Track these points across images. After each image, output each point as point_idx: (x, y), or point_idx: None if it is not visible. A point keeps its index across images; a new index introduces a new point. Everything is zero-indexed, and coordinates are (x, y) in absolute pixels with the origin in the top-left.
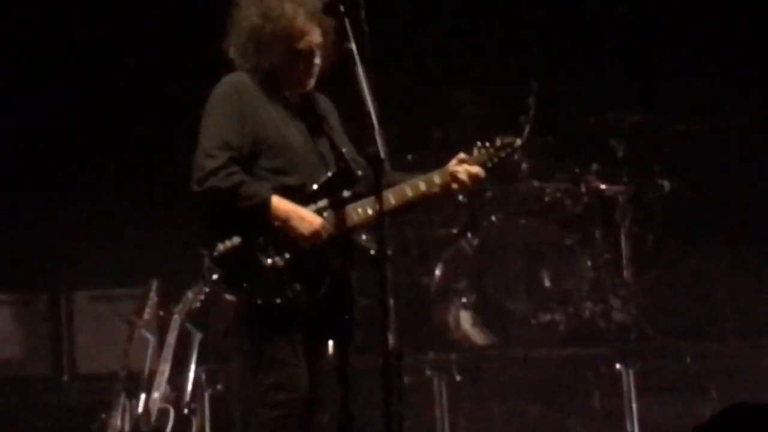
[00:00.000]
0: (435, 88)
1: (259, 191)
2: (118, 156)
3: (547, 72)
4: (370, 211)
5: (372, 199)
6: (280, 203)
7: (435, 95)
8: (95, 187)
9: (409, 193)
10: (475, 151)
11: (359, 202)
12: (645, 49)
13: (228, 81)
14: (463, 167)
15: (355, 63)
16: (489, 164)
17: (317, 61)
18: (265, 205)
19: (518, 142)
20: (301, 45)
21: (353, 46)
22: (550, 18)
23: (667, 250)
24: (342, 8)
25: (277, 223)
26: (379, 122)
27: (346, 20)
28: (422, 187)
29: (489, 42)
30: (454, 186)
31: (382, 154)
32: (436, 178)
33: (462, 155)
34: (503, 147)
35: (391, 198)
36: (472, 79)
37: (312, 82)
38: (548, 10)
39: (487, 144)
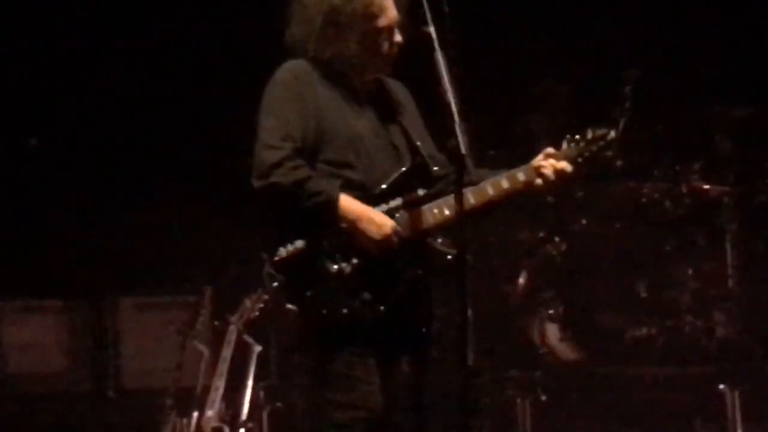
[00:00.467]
0: (518, 78)
1: (326, 188)
2: (168, 154)
3: (644, 60)
4: (447, 212)
5: (450, 198)
6: (348, 203)
7: (518, 85)
8: (142, 185)
9: (491, 191)
10: (564, 145)
11: (436, 202)
12: (753, 34)
13: (286, 68)
14: (549, 162)
15: (434, 49)
16: (579, 160)
17: (398, 38)
18: (332, 204)
19: (612, 134)
20: (383, 22)
21: (432, 30)
22: (649, 4)
23: None
24: None
25: (344, 225)
26: (461, 114)
27: (425, 1)
28: (505, 184)
29: (577, 26)
30: (539, 182)
31: (463, 149)
32: (521, 175)
33: (549, 149)
34: (595, 140)
35: (471, 197)
36: (559, 68)
37: (391, 67)
38: None
39: (578, 137)
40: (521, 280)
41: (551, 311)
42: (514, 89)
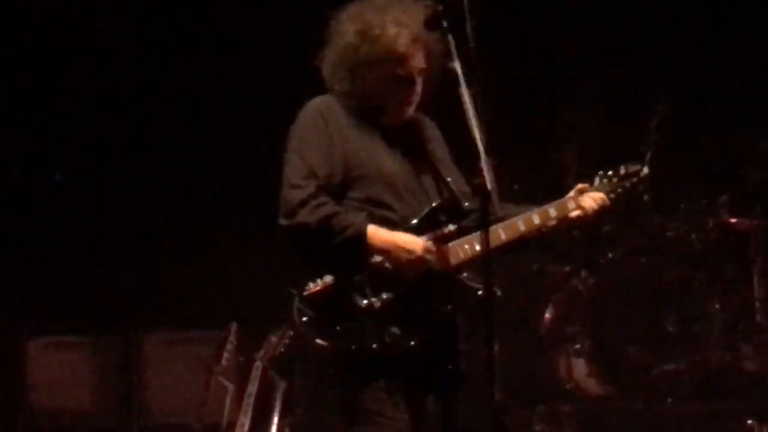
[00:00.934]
0: (546, 109)
1: (354, 221)
2: (196, 190)
3: (673, 91)
4: (478, 248)
5: (480, 234)
6: (377, 233)
7: (546, 117)
8: (169, 220)
9: (522, 227)
10: (596, 181)
11: (466, 238)
12: None
13: (313, 105)
14: (588, 195)
15: (459, 84)
16: (612, 195)
17: (418, 88)
18: (361, 236)
19: (645, 170)
20: (402, 71)
21: (458, 66)
22: (674, 31)
23: None
24: (445, 23)
25: (375, 258)
26: (488, 150)
27: (450, 37)
28: (536, 220)
29: (607, 53)
30: (574, 215)
31: (489, 185)
32: (552, 211)
33: (582, 185)
34: (628, 176)
35: (501, 233)
36: (588, 99)
37: (410, 111)
38: (671, 22)
39: (610, 173)
40: (548, 315)
41: (578, 346)
42: (543, 121)
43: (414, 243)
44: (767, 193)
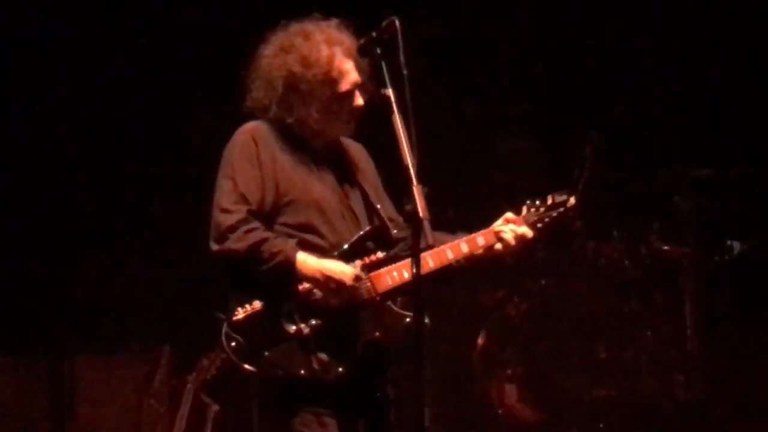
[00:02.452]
0: (481, 137)
1: (283, 248)
2: (125, 211)
3: (606, 121)
4: (407, 275)
5: (409, 261)
6: (306, 260)
7: (481, 144)
8: (97, 242)
9: (450, 255)
10: (524, 210)
11: (395, 265)
12: (713, 96)
13: (245, 130)
14: (509, 227)
15: (392, 111)
16: (539, 225)
17: (360, 101)
18: (290, 263)
19: (572, 200)
20: (344, 87)
21: (390, 92)
22: (609, 61)
23: (738, 319)
24: (378, 50)
25: (303, 285)
26: (420, 176)
27: (383, 63)
28: (464, 248)
29: (542, 85)
30: (498, 247)
31: (421, 213)
32: (480, 240)
33: (509, 215)
34: (555, 206)
35: (429, 260)
36: (521, 127)
37: (354, 126)
38: (609, 53)
39: (537, 202)
40: (480, 340)
41: (510, 371)
42: (477, 148)
43: (343, 272)
44: (699, 221)
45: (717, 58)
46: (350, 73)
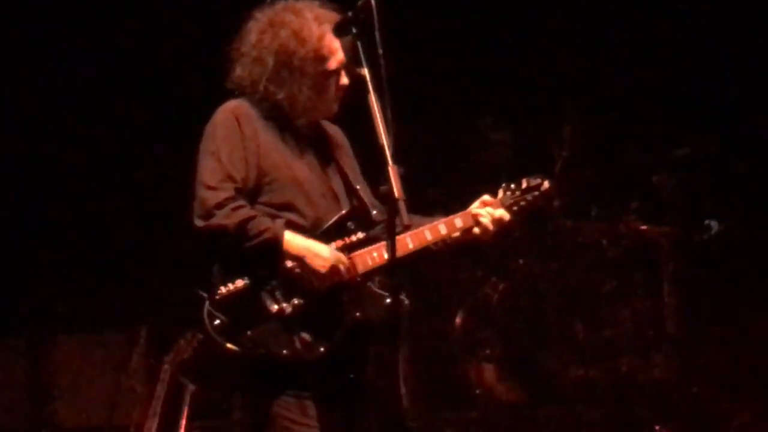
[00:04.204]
0: (460, 116)
1: (271, 227)
2: (107, 187)
3: (585, 99)
4: (386, 256)
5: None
6: (293, 239)
7: (460, 124)
8: (76, 222)
9: (429, 236)
10: (500, 193)
11: (375, 246)
12: (693, 76)
13: (227, 108)
14: (486, 210)
15: (368, 91)
16: (515, 208)
17: (345, 80)
18: (277, 241)
19: (546, 184)
20: (333, 65)
21: (366, 72)
22: (586, 41)
23: (715, 299)
24: (354, 30)
25: (288, 263)
26: (396, 157)
27: (359, 43)
28: (443, 230)
29: (519, 66)
30: (476, 231)
31: (397, 193)
32: (458, 221)
33: (485, 197)
34: (530, 189)
35: (409, 242)
36: (501, 108)
37: (337, 106)
38: (587, 33)
39: (513, 186)
40: (459, 320)
41: (488, 351)
42: (456, 128)
43: (330, 251)
44: (678, 200)
45: (696, 36)
46: (338, 52)
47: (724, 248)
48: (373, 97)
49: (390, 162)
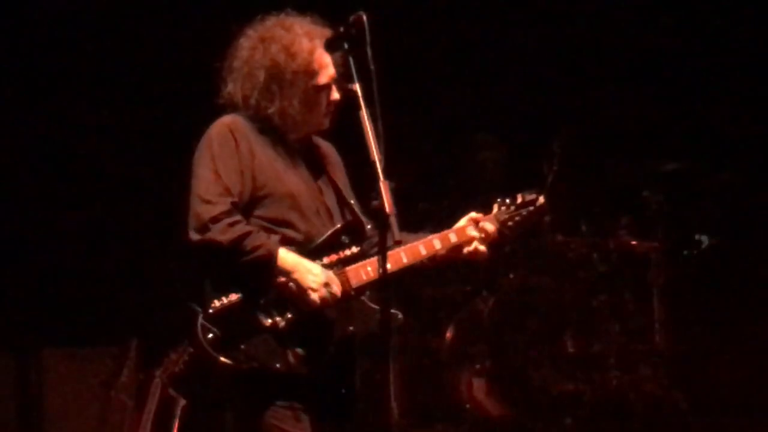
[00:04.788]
0: (451, 131)
1: (265, 242)
2: (97, 200)
3: (575, 114)
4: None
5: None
6: (287, 256)
7: (451, 138)
8: (66, 235)
9: (423, 251)
10: (495, 208)
11: (369, 260)
12: (682, 90)
13: (223, 122)
14: (478, 231)
15: (359, 106)
16: (510, 223)
17: (336, 96)
18: (272, 258)
19: (541, 200)
20: (323, 80)
21: (358, 87)
22: (576, 58)
23: (704, 314)
24: (346, 45)
25: (281, 279)
26: (387, 171)
27: (351, 58)
28: (437, 245)
29: (511, 82)
30: (466, 250)
31: (388, 208)
32: (453, 237)
33: (473, 214)
34: (524, 205)
35: (403, 256)
36: (492, 123)
37: (327, 122)
38: (576, 50)
39: (507, 201)
40: (449, 334)
41: (479, 365)
42: (448, 141)
43: (322, 270)
44: (667, 215)
45: (687, 52)
46: (329, 67)
47: (713, 263)
48: (364, 113)
49: (381, 177)
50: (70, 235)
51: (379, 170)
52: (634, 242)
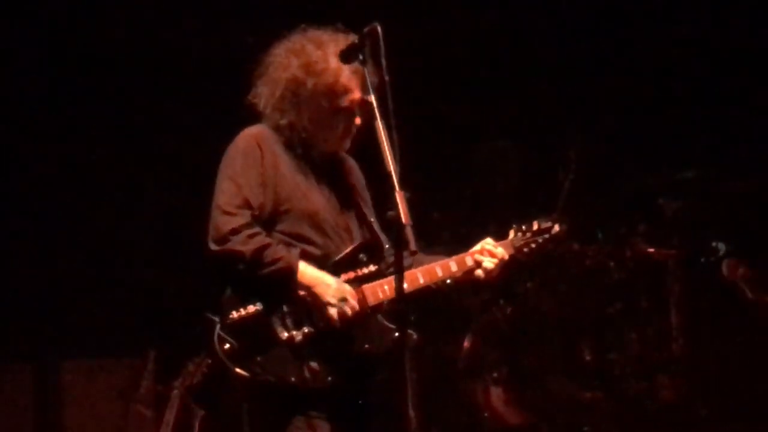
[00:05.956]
0: (463, 139)
1: (285, 255)
2: (114, 212)
3: (590, 122)
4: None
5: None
6: (306, 269)
7: (463, 147)
8: (82, 246)
9: (440, 273)
10: (511, 234)
11: (386, 279)
12: (697, 98)
13: (248, 134)
14: (490, 258)
15: (375, 117)
16: (526, 249)
17: (358, 120)
18: (291, 271)
19: (557, 227)
20: (344, 103)
21: (373, 99)
22: (591, 65)
23: (722, 321)
24: (361, 56)
25: (301, 292)
26: (402, 181)
27: (366, 70)
28: (454, 267)
29: (527, 90)
30: (478, 274)
31: (404, 219)
32: (468, 260)
33: (490, 243)
34: (540, 232)
35: (420, 276)
36: (507, 132)
37: (348, 143)
38: (592, 57)
39: (524, 227)
40: (467, 343)
41: (496, 374)
42: (461, 151)
43: (342, 285)
44: (684, 223)
45: (702, 59)
46: (354, 92)
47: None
48: (379, 124)
49: (397, 188)
50: (89, 247)
51: (395, 181)
52: (650, 250)
